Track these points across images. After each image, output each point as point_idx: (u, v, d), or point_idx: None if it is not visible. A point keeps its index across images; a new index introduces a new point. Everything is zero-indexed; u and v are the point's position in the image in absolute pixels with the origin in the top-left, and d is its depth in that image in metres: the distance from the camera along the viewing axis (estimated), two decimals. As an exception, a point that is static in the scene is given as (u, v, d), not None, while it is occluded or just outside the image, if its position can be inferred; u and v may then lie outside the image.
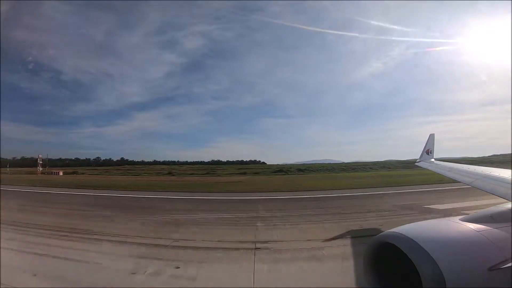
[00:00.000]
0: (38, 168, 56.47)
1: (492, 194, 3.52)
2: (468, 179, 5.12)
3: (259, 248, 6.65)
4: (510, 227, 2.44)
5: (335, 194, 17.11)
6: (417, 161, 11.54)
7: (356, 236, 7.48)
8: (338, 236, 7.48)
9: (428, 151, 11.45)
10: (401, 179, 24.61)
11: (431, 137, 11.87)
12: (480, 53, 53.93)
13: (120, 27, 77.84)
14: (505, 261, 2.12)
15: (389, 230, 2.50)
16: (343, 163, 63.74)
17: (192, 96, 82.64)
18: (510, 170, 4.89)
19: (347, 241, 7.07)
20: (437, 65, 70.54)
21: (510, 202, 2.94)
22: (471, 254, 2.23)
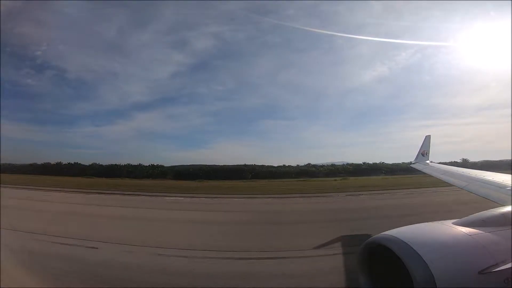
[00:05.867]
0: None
1: (485, 198, 3.56)
2: (462, 182, 5.19)
3: None
4: (502, 231, 2.48)
5: None
6: (412, 162, 11.58)
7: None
8: None
9: (423, 153, 11.46)
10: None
11: (427, 138, 11.84)
12: (480, 58, 54.09)
13: (132, 24, 75.30)
14: (496, 265, 2.15)
15: (383, 233, 2.53)
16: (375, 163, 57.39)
17: (195, 97, 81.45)
18: (503, 174, 4.96)
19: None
20: (438, 69, 70.83)
21: (503, 207, 2.99)
22: (462, 257, 2.27)
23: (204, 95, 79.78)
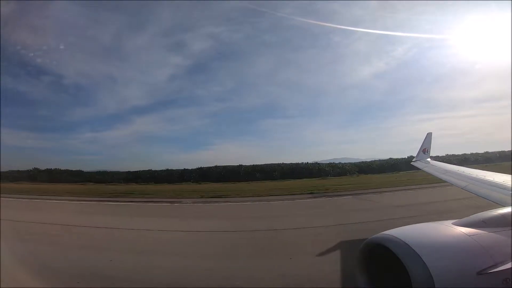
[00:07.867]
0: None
1: (486, 199, 3.55)
2: (462, 183, 5.18)
3: None
4: (502, 232, 2.47)
5: None
6: (413, 160, 11.51)
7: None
8: None
9: (424, 150, 11.37)
10: None
11: (428, 136, 11.74)
12: (477, 51, 53.69)
13: (128, 28, 73.65)
14: (494, 266, 2.15)
15: (382, 233, 2.53)
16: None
17: (194, 99, 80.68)
18: (503, 175, 4.94)
19: None
20: (435, 63, 70.70)
21: (503, 207, 2.98)
22: (461, 258, 2.26)
23: (203, 96, 79.43)
